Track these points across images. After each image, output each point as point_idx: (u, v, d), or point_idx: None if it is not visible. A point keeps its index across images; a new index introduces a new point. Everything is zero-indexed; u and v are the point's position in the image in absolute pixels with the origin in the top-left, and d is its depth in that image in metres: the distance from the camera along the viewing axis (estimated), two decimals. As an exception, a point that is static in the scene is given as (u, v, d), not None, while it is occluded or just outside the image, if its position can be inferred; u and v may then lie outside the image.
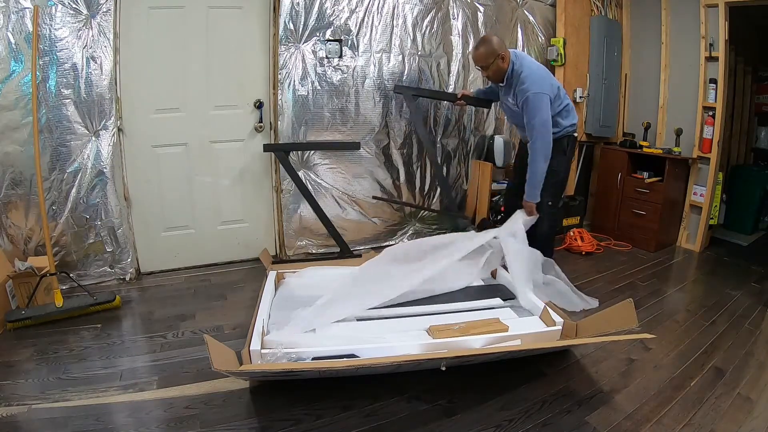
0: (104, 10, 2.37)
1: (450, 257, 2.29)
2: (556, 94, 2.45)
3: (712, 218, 3.49)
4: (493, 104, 3.16)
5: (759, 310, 2.50)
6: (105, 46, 2.40)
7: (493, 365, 1.90)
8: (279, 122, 2.86)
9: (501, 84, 2.52)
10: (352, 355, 1.73)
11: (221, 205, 2.92)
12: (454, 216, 3.39)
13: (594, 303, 2.46)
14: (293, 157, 2.93)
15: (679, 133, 3.47)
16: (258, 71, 2.84)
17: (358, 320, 2.05)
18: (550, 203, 2.63)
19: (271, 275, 2.47)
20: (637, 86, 3.88)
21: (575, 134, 2.63)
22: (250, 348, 1.70)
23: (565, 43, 3.54)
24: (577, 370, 1.93)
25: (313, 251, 3.14)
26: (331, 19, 2.87)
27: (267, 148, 2.84)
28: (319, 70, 2.89)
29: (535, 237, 2.68)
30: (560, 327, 1.98)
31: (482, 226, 3.32)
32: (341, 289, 2.14)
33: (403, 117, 3.20)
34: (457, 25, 3.27)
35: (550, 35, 3.62)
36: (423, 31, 3.16)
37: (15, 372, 1.79)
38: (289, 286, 2.41)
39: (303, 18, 2.79)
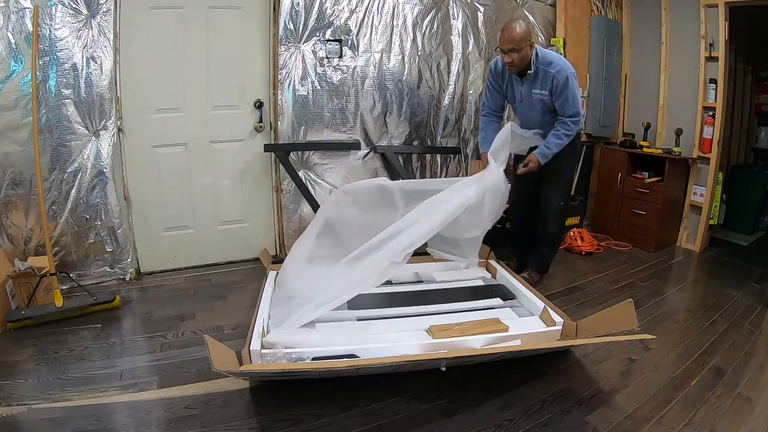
0: (104, 10, 2.36)
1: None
2: None
3: (712, 218, 3.49)
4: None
5: (759, 310, 2.50)
6: (105, 46, 2.40)
7: (493, 365, 1.90)
8: (279, 122, 2.86)
9: (521, 75, 2.38)
10: (352, 355, 1.73)
11: (221, 205, 2.92)
12: None
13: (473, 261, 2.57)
14: (293, 156, 2.93)
15: (679, 133, 3.47)
16: (258, 71, 2.84)
17: (358, 320, 2.05)
18: (561, 203, 2.63)
19: (271, 275, 2.47)
20: (637, 86, 3.88)
21: (581, 130, 2.64)
22: (250, 348, 1.71)
23: (565, 43, 3.54)
24: (577, 370, 1.93)
25: (313, 251, 3.14)
26: (331, 19, 2.87)
27: (267, 148, 2.84)
28: (319, 70, 2.89)
29: (546, 237, 2.70)
30: (560, 327, 1.98)
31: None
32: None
33: (403, 117, 3.21)
34: (457, 25, 3.28)
35: (550, 35, 3.62)
36: (423, 31, 3.16)
37: (15, 372, 1.79)
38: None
39: (303, 18, 2.79)
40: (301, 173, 2.94)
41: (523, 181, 2.76)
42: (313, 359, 1.70)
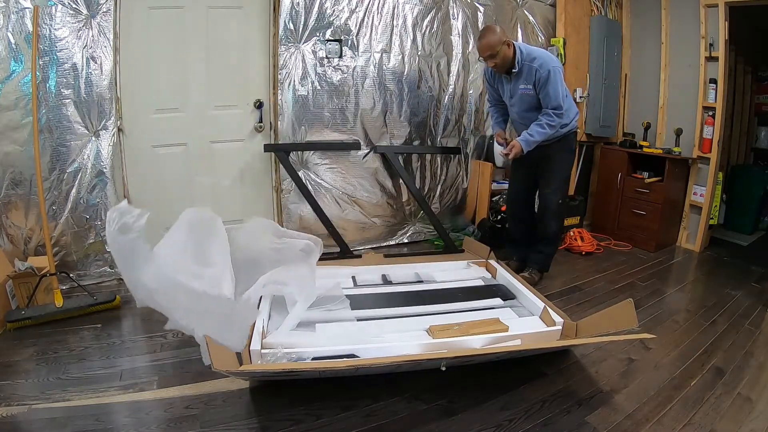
0: (104, 10, 2.36)
1: None
2: None
3: (712, 218, 3.49)
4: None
5: (759, 310, 2.50)
6: (105, 46, 2.40)
7: (493, 365, 1.90)
8: (279, 122, 2.86)
9: (509, 73, 2.46)
10: (352, 355, 1.73)
11: (221, 205, 2.91)
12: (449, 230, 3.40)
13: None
14: (293, 156, 2.93)
15: (679, 133, 3.47)
16: (258, 71, 2.84)
17: (358, 320, 2.05)
18: (560, 201, 2.65)
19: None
20: (637, 86, 3.88)
21: (577, 129, 2.65)
22: (250, 348, 1.70)
23: (565, 43, 3.54)
24: (577, 370, 1.93)
25: (313, 251, 3.14)
26: (331, 19, 2.87)
27: (267, 148, 2.84)
28: (319, 70, 2.89)
29: (546, 235, 2.71)
30: (560, 327, 1.98)
31: (482, 226, 3.33)
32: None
33: (403, 117, 3.21)
34: (457, 25, 3.28)
35: (550, 35, 3.62)
36: (423, 31, 3.16)
37: (15, 372, 1.79)
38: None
39: (303, 18, 2.79)
40: (301, 173, 2.94)
41: (520, 180, 2.79)
42: (313, 359, 1.70)
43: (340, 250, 2.96)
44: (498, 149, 3.27)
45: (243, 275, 2.20)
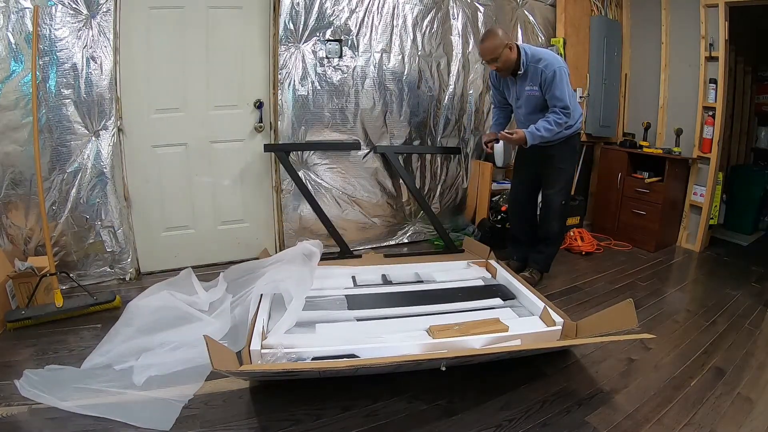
0: (104, 10, 2.36)
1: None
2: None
3: (712, 218, 3.49)
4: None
5: (759, 310, 2.50)
6: (105, 46, 2.40)
7: (493, 365, 1.90)
8: (279, 122, 2.86)
9: (515, 75, 2.46)
10: (352, 355, 1.73)
11: (221, 205, 2.92)
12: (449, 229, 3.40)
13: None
14: (293, 156, 2.93)
15: (679, 133, 3.47)
16: (258, 71, 2.84)
17: (357, 320, 2.05)
18: (563, 202, 2.65)
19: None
20: (637, 86, 3.88)
21: (580, 130, 2.65)
22: (250, 348, 1.71)
23: (565, 43, 3.54)
24: (577, 370, 1.93)
25: (313, 251, 3.14)
26: (331, 19, 2.87)
27: (267, 148, 2.84)
28: (319, 70, 2.89)
29: (548, 236, 2.71)
30: (560, 327, 1.98)
31: (482, 226, 3.33)
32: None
33: (403, 117, 3.21)
34: (457, 25, 3.28)
35: (550, 35, 3.62)
36: (423, 31, 3.16)
37: (15, 372, 1.78)
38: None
39: (303, 18, 2.79)
40: (301, 173, 2.94)
41: (522, 180, 2.80)
42: (313, 359, 1.70)
43: (340, 250, 2.96)
44: (499, 148, 3.27)
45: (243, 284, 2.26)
